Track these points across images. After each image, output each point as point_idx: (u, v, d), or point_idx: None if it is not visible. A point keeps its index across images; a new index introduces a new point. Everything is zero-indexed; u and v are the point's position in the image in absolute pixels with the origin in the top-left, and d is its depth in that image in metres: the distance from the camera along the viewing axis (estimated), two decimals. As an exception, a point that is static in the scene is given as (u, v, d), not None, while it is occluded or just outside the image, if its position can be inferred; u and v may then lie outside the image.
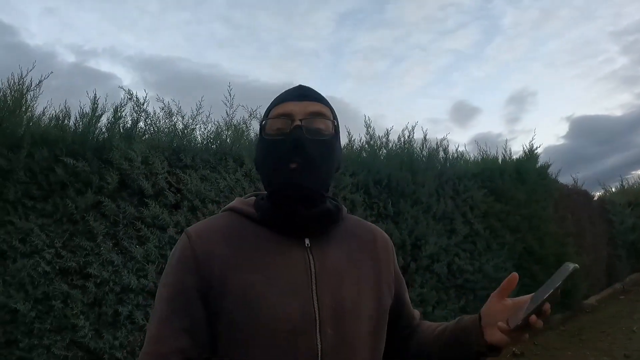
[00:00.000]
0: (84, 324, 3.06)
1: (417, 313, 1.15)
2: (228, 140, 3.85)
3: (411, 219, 4.97)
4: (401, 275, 1.11)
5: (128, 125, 3.42)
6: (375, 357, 0.95)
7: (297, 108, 0.92)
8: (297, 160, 0.89)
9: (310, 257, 0.90)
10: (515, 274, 0.91)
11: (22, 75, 3.35)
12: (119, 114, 3.35)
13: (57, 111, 3.44)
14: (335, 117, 0.99)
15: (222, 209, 1.02)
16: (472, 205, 5.75)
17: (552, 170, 7.60)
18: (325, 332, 0.85)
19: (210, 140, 3.76)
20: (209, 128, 3.76)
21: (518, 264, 6.11)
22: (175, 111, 3.57)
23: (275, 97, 0.99)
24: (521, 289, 4.43)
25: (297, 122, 0.90)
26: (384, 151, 5.36)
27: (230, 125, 3.90)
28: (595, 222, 9.06)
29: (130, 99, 3.40)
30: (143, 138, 3.42)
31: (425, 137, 5.76)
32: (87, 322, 3.08)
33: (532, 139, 7.50)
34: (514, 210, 6.24)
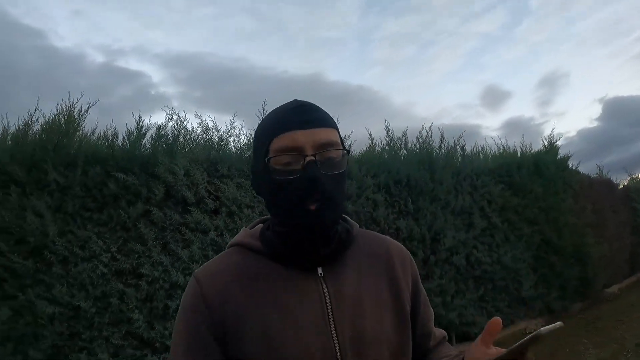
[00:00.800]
0: (138, 317, 3.50)
1: (439, 332, 1.07)
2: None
3: (430, 215, 5.27)
4: (420, 287, 1.03)
5: (170, 141, 3.85)
6: None
7: (305, 139, 0.83)
8: (315, 200, 0.82)
9: (325, 287, 0.86)
10: (497, 319, 0.81)
11: (71, 101, 3.79)
12: (161, 131, 3.78)
13: (105, 130, 3.88)
14: (340, 138, 0.91)
15: (229, 243, 0.98)
16: (489, 199, 5.99)
17: (573, 160, 7.73)
18: None
19: (243, 150, 4.15)
20: (241, 140, 4.15)
21: (536, 255, 6.33)
22: (212, 126, 3.98)
23: (272, 117, 0.90)
24: (539, 278, 4.76)
25: (310, 158, 0.82)
26: (404, 152, 5.66)
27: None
28: (618, 211, 9.13)
29: (171, 119, 3.82)
30: (184, 151, 3.84)
31: (442, 136, 6.03)
32: (141, 316, 3.52)
33: (552, 131, 7.61)
34: (532, 203, 6.44)
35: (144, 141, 3.78)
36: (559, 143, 7.52)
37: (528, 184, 6.52)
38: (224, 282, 0.86)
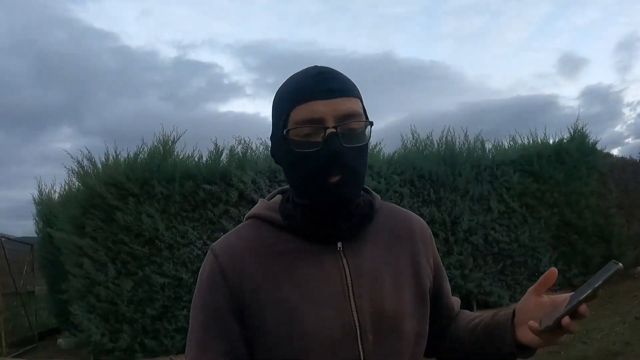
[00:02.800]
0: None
1: (456, 301, 1.06)
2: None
3: (450, 203, 6.33)
4: (440, 263, 1.01)
5: (240, 157, 5.40)
6: (419, 355, 0.90)
7: (327, 109, 0.79)
8: (337, 173, 0.78)
9: (345, 262, 0.83)
10: (554, 269, 0.80)
11: (165, 133, 5.34)
12: (233, 151, 5.35)
13: (193, 150, 5.41)
14: (363, 108, 0.86)
15: (247, 215, 0.95)
16: (508, 187, 6.91)
17: (603, 144, 8.28)
18: (367, 339, 0.80)
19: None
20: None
21: (556, 235, 7.16)
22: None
23: (291, 84, 0.84)
24: (560, 255, 6.03)
25: (331, 130, 0.78)
26: (428, 150, 6.72)
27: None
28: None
29: (240, 142, 5.33)
30: (251, 165, 5.36)
31: (466, 134, 7.02)
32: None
33: (577, 119, 8.24)
34: (552, 189, 7.25)
35: (221, 158, 5.33)
36: (586, 129, 8.17)
37: (549, 171, 7.32)
38: (241, 256, 0.84)
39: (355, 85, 0.86)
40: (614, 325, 5.39)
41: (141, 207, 5.07)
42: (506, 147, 7.60)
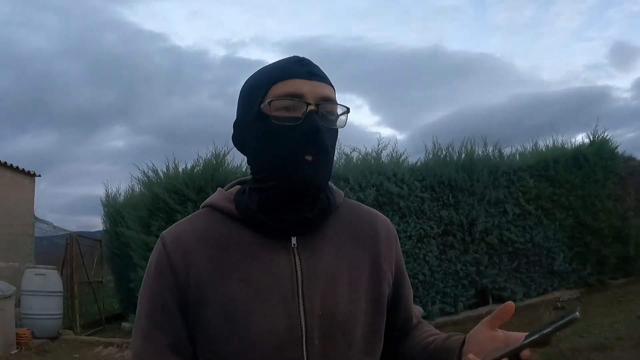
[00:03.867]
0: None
1: (418, 311, 1.01)
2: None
3: (467, 206, 6.97)
4: (403, 268, 0.96)
5: None
6: None
7: (307, 88, 0.78)
8: (312, 151, 0.77)
9: (297, 260, 0.80)
10: (511, 303, 0.75)
11: (217, 148, 6.27)
12: None
13: (241, 162, 6.30)
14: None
15: (202, 204, 0.91)
16: (524, 191, 7.47)
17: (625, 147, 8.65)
18: (313, 343, 0.77)
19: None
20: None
21: (571, 235, 7.66)
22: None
23: (270, 67, 0.84)
24: (575, 255, 6.90)
25: (313, 107, 0.78)
26: (453, 157, 7.37)
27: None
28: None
29: None
30: None
31: (485, 143, 7.64)
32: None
33: (596, 125, 8.65)
34: (567, 192, 7.75)
35: None
36: (606, 134, 8.57)
37: (565, 175, 7.81)
38: (190, 247, 0.80)
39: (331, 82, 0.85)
40: (615, 322, 5.81)
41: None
42: (524, 153, 8.14)
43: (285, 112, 0.79)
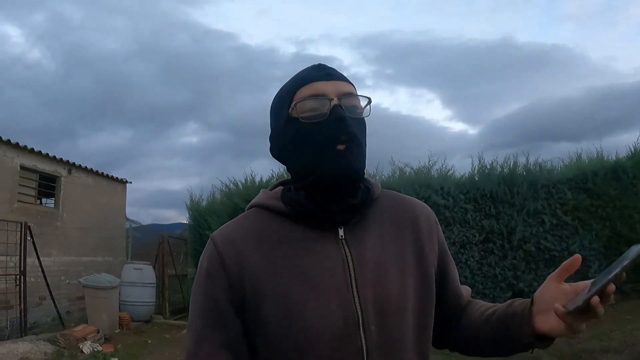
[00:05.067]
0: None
1: (466, 290, 1.02)
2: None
3: (507, 216, 7.77)
4: (446, 248, 0.99)
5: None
6: (424, 346, 0.87)
7: (328, 87, 0.84)
8: (344, 140, 0.81)
9: (347, 251, 0.83)
10: (578, 256, 0.78)
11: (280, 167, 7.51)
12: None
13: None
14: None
15: (248, 205, 0.95)
16: (562, 202, 8.13)
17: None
18: (370, 330, 0.79)
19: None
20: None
21: (607, 245, 8.24)
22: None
23: (292, 79, 0.90)
24: (610, 263, 7.91)
25: (336, 101, 0.83)
26: (495, 172, 8.17)
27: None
28: None
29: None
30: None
31: (527, 158, 8.38)
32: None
33: (638, 139, 9.10)
34: (605, 204, 8.32)
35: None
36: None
37: (603, 188, 8.36)
38: (241, 246, 0.83)
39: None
40: (636, 329, 6.15)
41: (270, 218, 7.20)
42: (567, 166, 8.76)
43: (311, 112, 0.83)
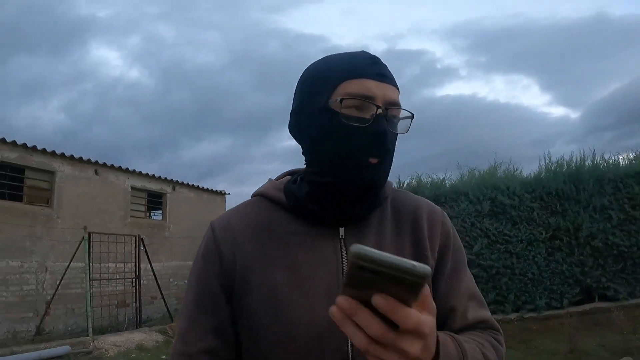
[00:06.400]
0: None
1: (478, 316, 0.85)
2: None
3: (573, 213, 8.01)
4: (449, 256, 0.88)
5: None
6: None
7: (378, 91, 0.78)
8: (378, 155, 0.78)
9: (343, 251, 0.80)
10: None
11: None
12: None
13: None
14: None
15: (253, 192, 0.92)
16: (629, 197, 8.22)
17: None
18: None
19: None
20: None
21: (678, 238, 8.28)
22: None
23: (341, 60, 0.82)
24: None
25: (381, 110, 0.77)
26: (561, 169, 8.41)
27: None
28: None
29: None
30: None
31: (594, 154, 8.55)
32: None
33: None
34: (676, 197, 8.32)
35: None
36: None
37: (674, 181, 8.35)
38: (238, 234, 0.82)
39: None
40: None
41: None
42: (633, 158, 8.82)
43: (355, 112, 0.77)
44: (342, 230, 0.82)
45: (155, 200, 11.79)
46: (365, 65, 0.80)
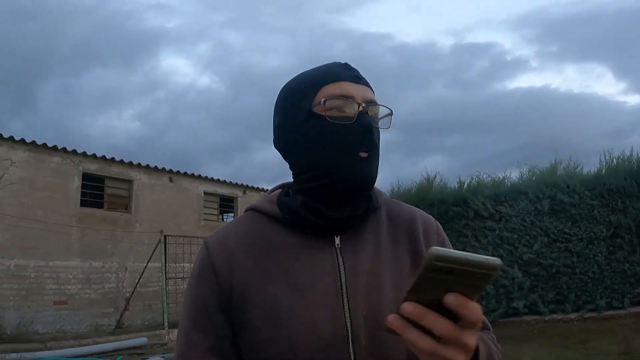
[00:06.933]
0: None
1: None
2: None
3: (635, 210, 7.91)
4: None
5: (474, 186, 8.16)
6: None
7: (356, 91, 0.81)
8: (366, 148, 0.80)
9: (340, 260, 0.80)
10: None
11: (428, 172, 8.64)
12: (469, 181, 8.18)
13: (443, 183, 8.43)
14: None
15: (246, 207, 0.92)
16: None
17: None
18: (359, 343, 0.75)
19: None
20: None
21: None
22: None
23: (316, 70, 0.86)
24: None
25: (363, 107, 0.80)
26: (624, 165, 8.31)
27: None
28: None
29: (471, 177, 8.11)
30: (483, 190, 8.08)
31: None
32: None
33: None
34: None
35: (463, 187, 8.21)
36: None
37: None
38: (233, 250, 0.82)
39: None
40: None
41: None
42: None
43: (337, 112, 0.80)
44: (337, 240, 0.82)
45: (227, 204, 12.86)
46: (340, 70, 0.84)
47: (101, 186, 10.44)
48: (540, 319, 7.95)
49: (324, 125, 0.80)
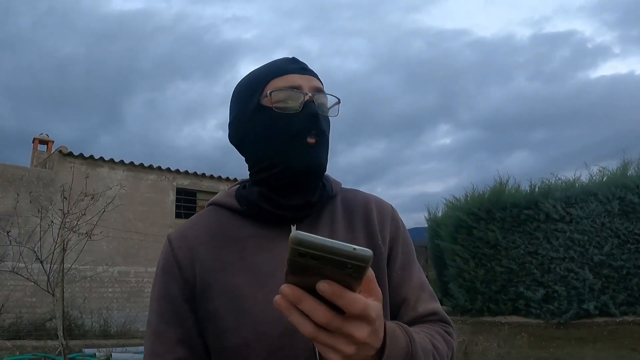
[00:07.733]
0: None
1: (428, 308, 0.87)
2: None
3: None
4: (399, 249, 0.91)
5: (545, 188, 8.82)
6: None
7: (303, 81, 0.84)
8: (314, 135, 0.82)
9: None
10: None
11: (501, 176, 9.29)
12: (541, 184, 8.84)
13: (517, 186, 9.10)
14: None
15: (208, 202, 0.95)
16: None
17: None
18: None
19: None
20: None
21: None
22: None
23: (265, 67, 0.90)
24: None
25: (309, 96, 0.83)
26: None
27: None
28: None
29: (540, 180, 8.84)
30: (553, 192, 8.76)
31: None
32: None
33: None
34: None
35: (535, 190, 8.87)
36: None
37: None
38: (195, 243, 0.84)
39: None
40: None
41: (487, 225, 8.86)
42: None
43: (285, 104, 0.83)
44: (294, 228, 0.84)
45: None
46: (287, 64, 0.87)
47: (193, 199, 11.42)
48: (611, 320, 7.91)
49: (272, 116, 0.83)
